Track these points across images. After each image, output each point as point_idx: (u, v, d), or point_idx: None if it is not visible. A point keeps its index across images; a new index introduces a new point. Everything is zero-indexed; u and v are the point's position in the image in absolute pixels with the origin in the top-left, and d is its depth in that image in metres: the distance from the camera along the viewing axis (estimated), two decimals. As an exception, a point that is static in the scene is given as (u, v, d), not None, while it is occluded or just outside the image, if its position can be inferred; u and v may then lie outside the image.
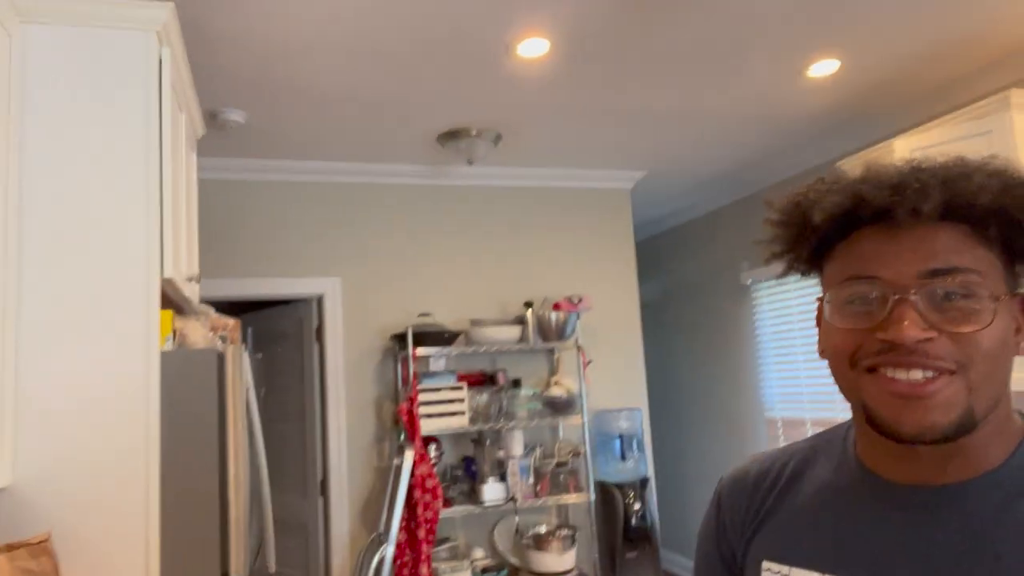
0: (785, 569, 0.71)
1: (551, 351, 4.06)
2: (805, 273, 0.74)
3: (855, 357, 0.65)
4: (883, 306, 0.63)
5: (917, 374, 0.62)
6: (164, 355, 1.79)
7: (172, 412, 1.77)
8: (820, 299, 0.71)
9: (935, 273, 0.62)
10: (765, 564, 0.73)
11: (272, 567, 2.01)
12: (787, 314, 4.29)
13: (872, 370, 0.64)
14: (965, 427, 0.62)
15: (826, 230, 0.68)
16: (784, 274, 0.76)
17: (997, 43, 2.88)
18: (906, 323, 0.61)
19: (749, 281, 4.54)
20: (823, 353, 0.70)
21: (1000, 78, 3.07)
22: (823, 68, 3.01)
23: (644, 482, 3.83)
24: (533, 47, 2.65)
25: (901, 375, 0.62)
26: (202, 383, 1.83)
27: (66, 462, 1.65)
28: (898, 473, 0.68)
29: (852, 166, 3.36)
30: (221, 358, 1.88)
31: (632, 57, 2.80)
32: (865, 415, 0.65)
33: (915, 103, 3.43)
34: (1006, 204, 0.62)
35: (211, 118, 3.08)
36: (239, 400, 1.88)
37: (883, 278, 0.64)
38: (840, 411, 3.91)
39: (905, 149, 3.02)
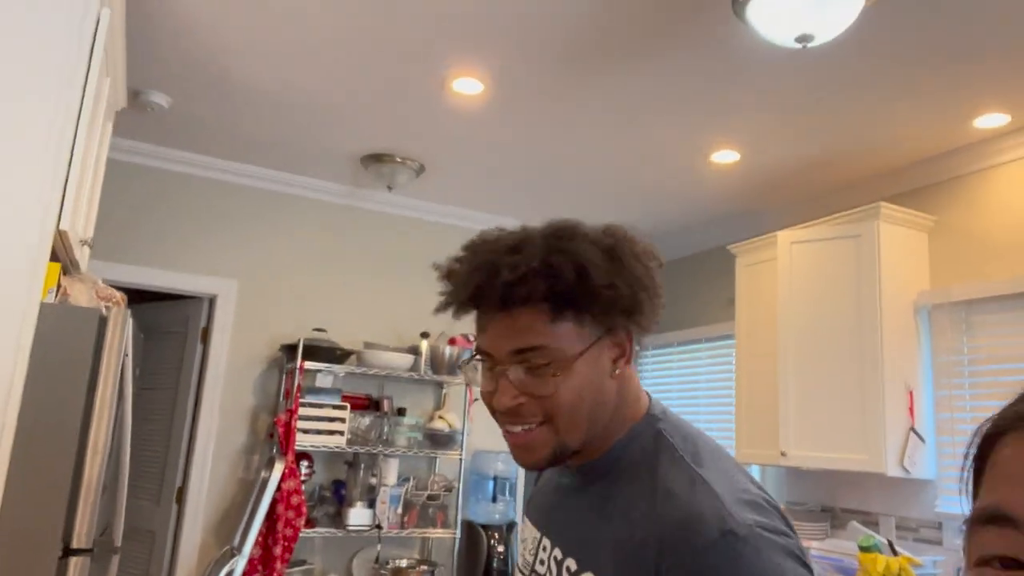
0: (528, 523, 0.99)
1: (440, 385, 4.09)
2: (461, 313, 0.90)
3: (493, 410, 0.86)
4: (494, 378, 0.84)
5: (516, 428, 0.84)
6: (44, 306, 1.74)
7: (42, 365, 1.71)
8: None
9: (520, 351, 0.82)
10: (524, 518, 1.02)
11: (118, 542, 1.93)
12: (669, 377, 4.52)
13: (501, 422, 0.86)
14: (561, 458, 0.85)
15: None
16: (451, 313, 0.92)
17: (873, 161, 3.26)
18: (502, 394, 0.82)
19: (637, 347, 4.75)
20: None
21: (873, 192, 3.45)
22: (725, 156, 3.30)
23: (511, 526, 3.86)
24: (468, 86, 2.79)
25: (510, 428, 0.84)
26: (79, 341, 1.78)
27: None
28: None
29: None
30: (103, 320, 1.84)
31: (556, 115, 2.98)
32: None
33: (799, 203, 3.78)
34: (558, 289, 0.81)
35: (134, 96, 3.04)
36: (114, 366, 1.84)
37: (491, 355, 0.84)
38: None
39: (787, 241, 3.33)
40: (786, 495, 3.63)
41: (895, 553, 2.63)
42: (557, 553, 0.88)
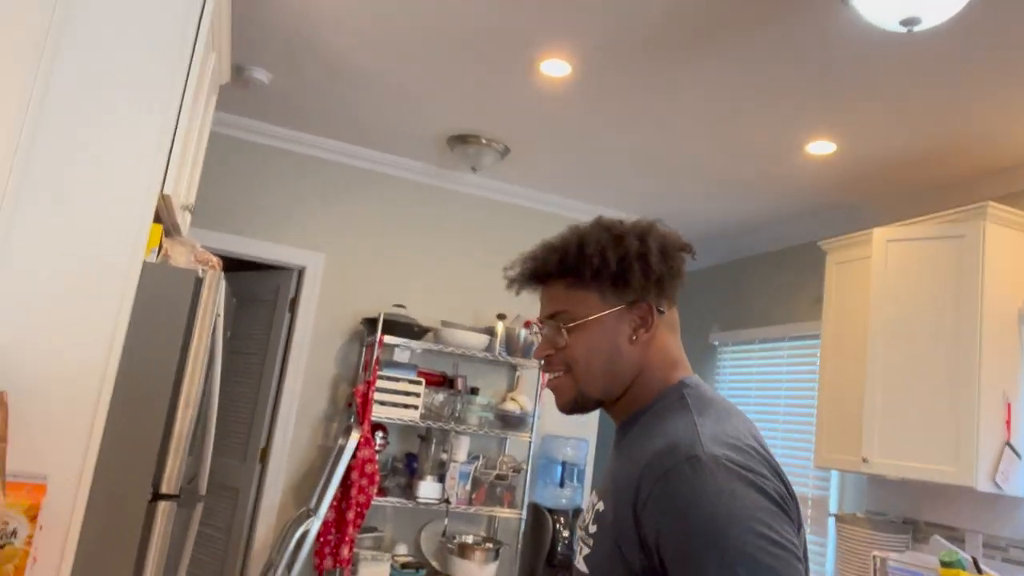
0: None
1: (514, 367, 4.13)
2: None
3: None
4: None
5: (549, 375, 1.05)
6: (147, 264, 1.85)
7: (142, 319, 1.83)
8: None
9: (550, 316, 1.04)
10: None
11: (203, 490, 2.05)
12: (748, 375, 4.41)
13: None
14: (583, 404, 1.03)
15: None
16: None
17: (981, 157, 3.06)
18: (537, 347, 1.06)
19: (716, 342, 4.66)
20: None
21: (979, 190, 3.24)
22: (820, 148, 3.17)
23: (577, 512, 3.87)
24: (555, 68, 2.79)
25: (546, 374, 1.06)
26: (177, 299, 1.89)
27: (37, 336, 1.71)
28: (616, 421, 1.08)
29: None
30: (199, 281, 1.95)
31: (643, 100, 2.94)
32: None
33: (898, 199, 3.60)
34: (569, 267, 1.02)
35: (237, 72, 3.18)
36: (207, 325, 1.94)
37: (539, 320, 1.07)
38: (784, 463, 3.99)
39: (883, 239, 3.17)
40: (867, 504, 3.49)
41: (979, 571, 2.49)
42: (595, 497, 1.02)
